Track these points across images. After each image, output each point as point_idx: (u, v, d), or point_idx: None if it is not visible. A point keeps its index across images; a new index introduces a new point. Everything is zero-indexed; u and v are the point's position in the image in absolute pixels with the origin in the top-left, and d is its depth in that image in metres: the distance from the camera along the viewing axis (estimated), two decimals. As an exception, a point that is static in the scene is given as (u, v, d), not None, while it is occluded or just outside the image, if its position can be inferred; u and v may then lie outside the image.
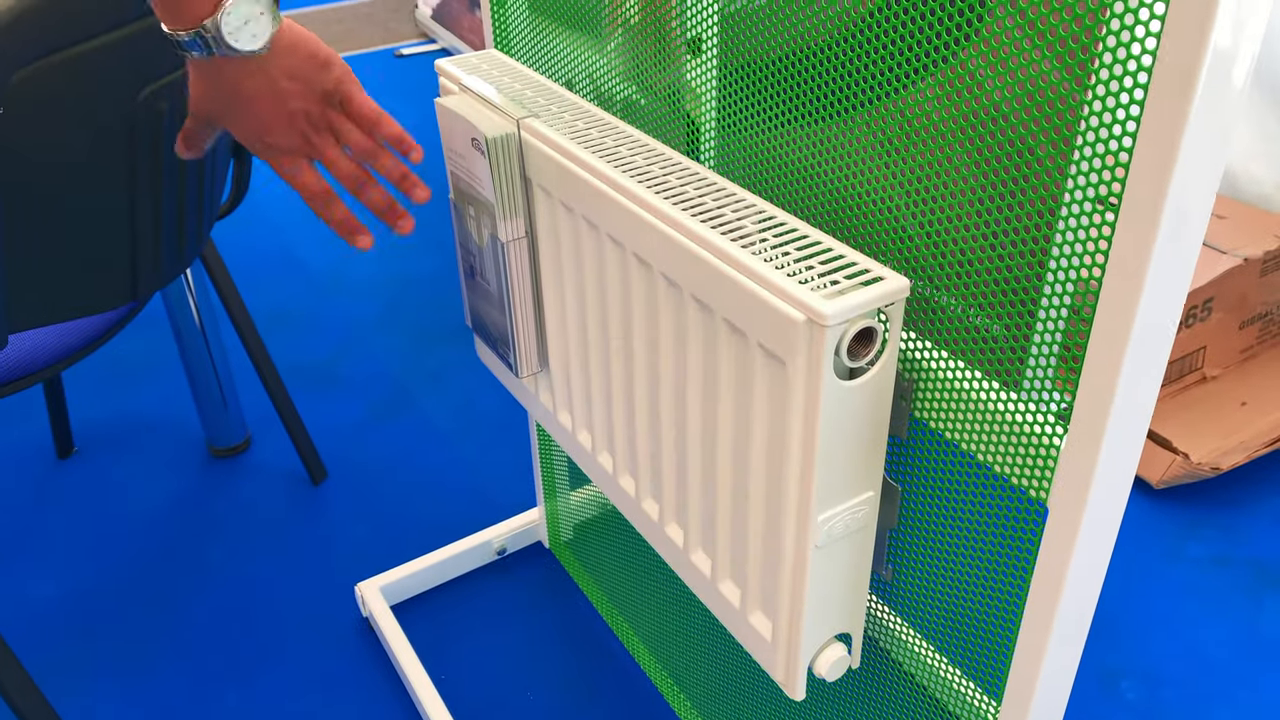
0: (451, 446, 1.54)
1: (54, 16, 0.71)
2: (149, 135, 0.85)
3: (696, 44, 0.71)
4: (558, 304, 0.79)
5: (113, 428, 1.60)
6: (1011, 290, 0.52)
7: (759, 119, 0.66)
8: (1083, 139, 0.46)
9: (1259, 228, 1.55)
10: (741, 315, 0.57)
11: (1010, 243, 0.51)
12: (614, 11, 0.78)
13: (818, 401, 0.53)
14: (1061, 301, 0.50)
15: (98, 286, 0.88)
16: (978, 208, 0.53)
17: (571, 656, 1.19)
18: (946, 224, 0.55)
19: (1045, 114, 0.47)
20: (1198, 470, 1.37)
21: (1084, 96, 0.45)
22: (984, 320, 0.55)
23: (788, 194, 0.66)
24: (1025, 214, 0.50)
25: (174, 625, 1.25)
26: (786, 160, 0.65)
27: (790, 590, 0.62)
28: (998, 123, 0.50)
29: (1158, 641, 1.20)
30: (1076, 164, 0.47)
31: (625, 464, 0.78)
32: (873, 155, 0.58)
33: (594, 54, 0.83)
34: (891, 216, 0.58)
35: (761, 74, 0.65)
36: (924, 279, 0.57)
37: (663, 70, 0.75)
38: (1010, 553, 0.59)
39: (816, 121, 0.61)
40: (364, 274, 2.02)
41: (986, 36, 0.49)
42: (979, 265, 0.54)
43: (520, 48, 0.93)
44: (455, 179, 0.82)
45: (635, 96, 0.80)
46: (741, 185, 0.70)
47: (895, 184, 0.57)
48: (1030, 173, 0.49)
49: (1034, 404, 0.53)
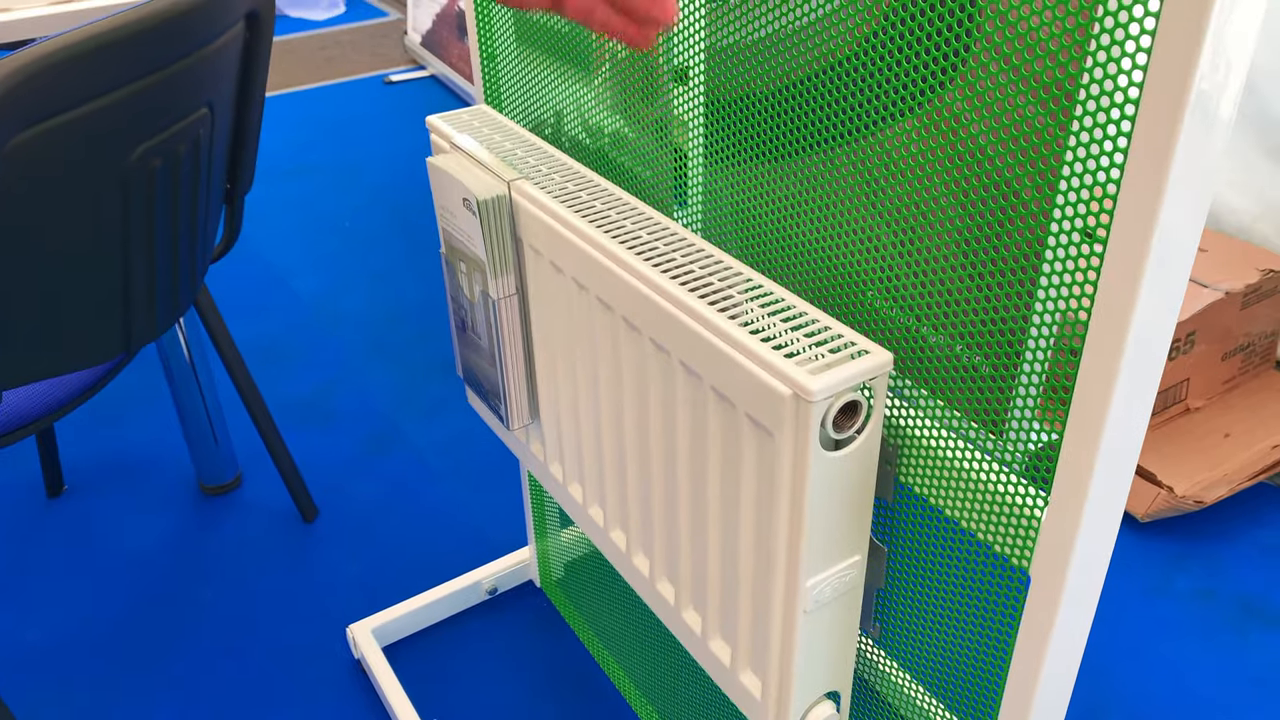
0: (442, 484, 1.55)
1: (51, 83, 0.72)
2: (142, 192, 0.86)
3: (682, 74, 0.72)
4: (548, 359, 0.80)
5: (103, 465, 1.60)
6: (997, 327, 0.54)
7: (743, 152, 0.67)
8: (1066, 181, 0.47)
9: (1240, 260, 1.57)
10: (729, 385, 0.58)
11: (995, 282, 0.53)
12: (601, 46, 0.80)
13: (805, 472, 0.54)
14: (1048, 341, 0.51)
15: (91, 341, 0.88)
16: (961, 247, 0.54)
17: (562, 696, 1.20)
18: (930, 264, 0.56)
19: (1029, 156, 0.49)
20: (1182, 504, 1.39)
21: (1066, 136, 0.47)
22: (969, 357, 0.56)
23: (769, 239, 0.67)
24: (1010, 253, 0.51)
25: (164, 665, 1.25)
26: (770, 201, 0.66)
27: (779, 651, 0.63)
28: (980, 161, 0.51)
29: (1145, 675, 1.21)
30: (1060, 206, 0.48)
31: (616, 518, 0.79)
32: (856, 196, 0.59)
33: (582, 90, 0.84)
34: (875, 256, 0.59)
35: (746, 107, 0.66)
36: (910, 314, 0.59)
37: (649, 102, 0.76)
38: (995, 614, 0.60)
39: (799, 154, 0.63)
40: (352, 306, 2.02)
41: (970, 78, 0.50)
42: (964, 303, 0.55)
43: (510, 96, 0.95)
44: (447, 235, 0.83)
45: (623, 130, 0.81)
46: (724, 227, 0.72)
47: (879, 220, 0.58)
48: (1015, 212, 0.50)
49: (1016, 474, 0.54)
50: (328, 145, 2.80)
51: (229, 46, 0.94)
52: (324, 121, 2.97)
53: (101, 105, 0.77)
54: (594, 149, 0.84)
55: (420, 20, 3.31)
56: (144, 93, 0.81)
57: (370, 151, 2.75)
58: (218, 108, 0.96)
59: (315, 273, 2.16)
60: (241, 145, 1.08)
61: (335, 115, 3.01)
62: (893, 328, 0.60)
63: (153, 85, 0.81)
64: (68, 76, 0.73)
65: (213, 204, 1.04)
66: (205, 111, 0.93)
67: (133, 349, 0.94)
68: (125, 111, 0.80)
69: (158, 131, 0.85)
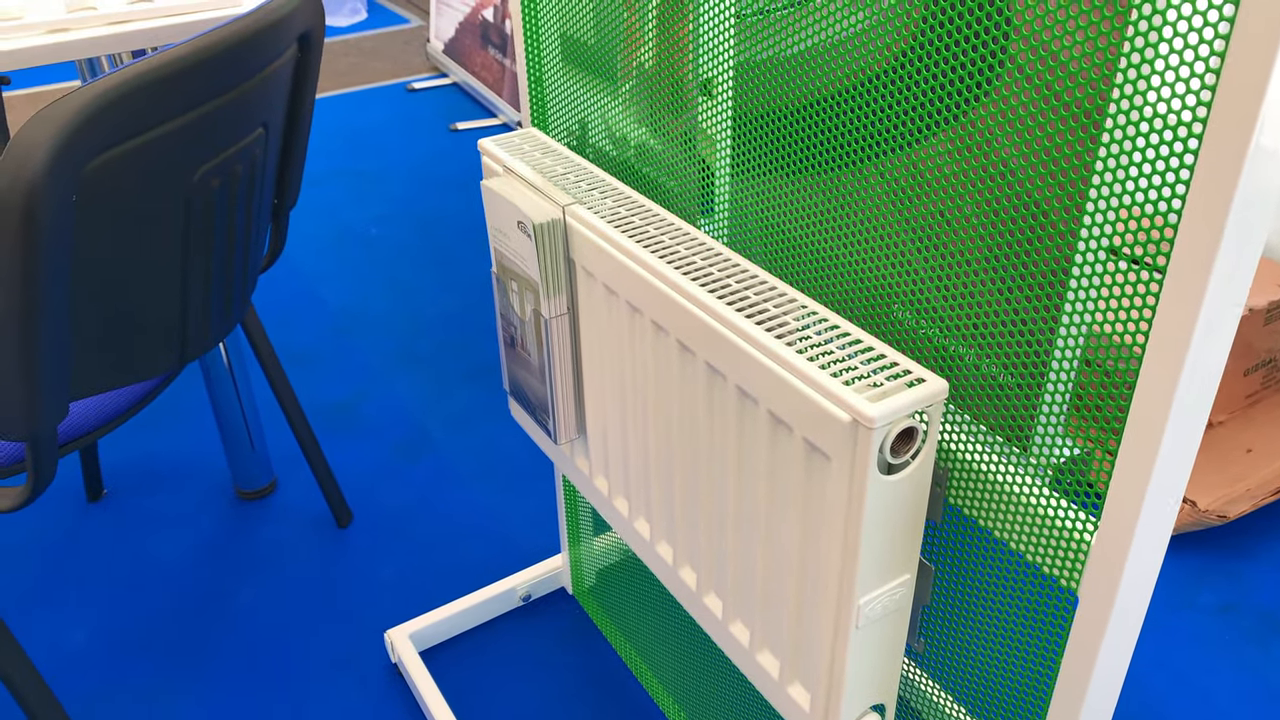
0: (473, 490, 1.57)
1: (123, 110, 0.74)
2: (202, 211, 0.88)
3: (709, 87, 0.75)
4: (597, 377, 0.83)
5: (142, 470, 1.63)
6: (1027, 344, 0.56)
7: (773, 165, 0.70)
8: (1127, 209, 0.49)
9: (1262, 277, 1.59)
10: (786, 410, 0.60)
11: (1026, 302, 0.55)
12: (631, 58, 0.82)
13: (862, 496, 0.57)
14: (1076, 358, 0.53)
15: (151, 354, 0.91)
16: (993, 265, 0.56)
17: (596, 703, 1.22)
18: (962, 281, 0.58)
19: (1057, 178, 0.51)
20: (1205, 518, 1.40)
21: (1119, 168, 0.49)
22: (1000, 374, 0.58)
23: (798, 252, 0.69)
24: (1051, 276, 0.54)
25: (202, 669, 1.28)
26: (799, 215, 0.69)
27: (829, 666, 0.65)
28: (1011, 181, 0.53)
29: (1167, 689, 1.23)
30: (1108, 234, 0.50)
31: (662, 532, 0.81)
32: (890, 212, 0.62)
33: (624, 108, 0.86)
34: (906, 272, 0.62)
35: (778, 121, 0.68)
36: (939, 329, 0.61)
37: (689, 116, 0.78)
38: (1041, 634, 0.62)
39: (828, 169, 0.65)
40: (382, 313, 2.05)
41: (1000, 94, 0.53)
42: (999, 321, 0.57)
43: (556, 115, 0.97)
44: (499, 255, 0.85)
45: (654, 144, 0.84)
46: (750, 239, 0.74)
47: (909, 235, 0.61)
48: (1044, 231, 0.53)
49: (1065, 499, 0.56)
50: (351, 152, 2.84)
51: (284, 68, 0.97)
52: (347, 129, 3.00)
53: (169, 129, 0.79)
54: (634, 164, 0.87)
55: (443, 28, 3.34)
56: (208, 116, 0.83)
57: (393, 159, 2.78)
58: (271, 127, 0.99)
59: (342, 280, 2.19)
60: (289, 161, 1.11)
61: (358, 122, 3.04)
62: (924, 344, 0.62)
63: (216, 109, 0.84)
64: (140, 103, 0.75)
65: (263, 220, 1.06)
66: (261, 131, 0.95)
67: (187, 360, 0.96)
68: (190, 134, 0.82)
69: (218, 152, 0.88)
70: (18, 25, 1.07)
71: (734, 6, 0.70)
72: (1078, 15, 0.47)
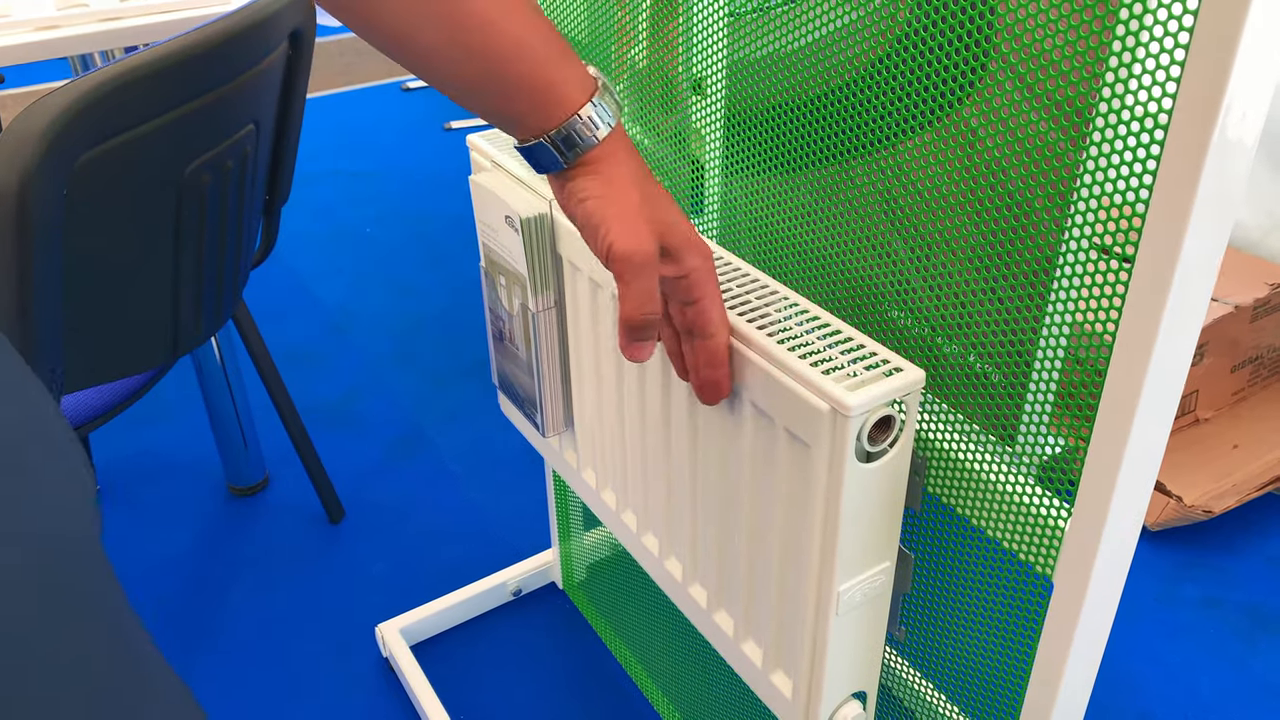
0: (466, 487, 1.58)
1: (114, 104, 0.75)
2: (193, 206, 0.89)
3: (699, 85, 0.76)
4: (584, 370, 0.83)
5: (134, 465, 1.63)
6: (1011, 339, 0.57)
7: (760, 163, 0.71)
8: (1088, 190, 0.50)
9: (1249, 275, 1.60)
10: (768, 401, 0.61)
11: (1012, 295, 0.56)
12: (623, 56, 0.83)
13: (840, 483, 0.58)
14: (1060, 352, 0.54)
15: (143, 348, 0.92)
16: (979, 260, 0.57)
17: (586, 696, 1.23)
18: (946, 277, 0.59)
19: (1044, 172, 0.52)
20: (1191, 513, 1.42)
21: (1080, 156, 0.50)
22: (983, 368, 0.59)
23: (785, 248, 0.70)
24: (1030, 268, 0.55)
25: (194, 664, 1.29)
26: (786, 212, 0.70)
27: (810, 653, 0.66)
28: (998, 178, 0.54)
29: (1152, 682, 1.24)
30: (1079, 225, 0.51)
31: (648, 524, 0.82)
32: (875, 210, 0.63)
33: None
34: (892, 268, 0.63)
35: (765, 119, 0.69)
36: (924, 324, 0.62)
37: (671, 113, 0.79)
38: (1018, 620, 0.63)
39: (817, 166, 0.66)
40: (376, 311, 2.06)
41: (989, 91, 0.54)
42: (981, 315, 0.58)
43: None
44: (487, 249, 0.86)
45: (649, 144, 0.84)
46: (740, 236, 0.75)
47: (896, 231, 0.62)
48: (1028, 229, 0.54)
49: (1041, 486, 0.57)
50: (345, 152, 2.84)
51: (274, 64, 0.98)
52: (342, 128, 3.01)
53: (160, 124, 0.80)
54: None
55: (437, 28, 3.34)
56: (198, 111, 0.84)
57: (388, 158, 2.79)
58: (262, 123, 1.00)
59: (336, 278, 2.19)
60: (280, 158, 1.12)
61: (353, 121, 3.05)
62: (908, 338, 0.63)
63: (207, 104, 0.85)
64: (131, 97, 0.76)
65: (254, 215, 1.07)
66: (251, 127, 0.96)
67: (179, 354, 0.97)
68: (181, 129, 0.83)
69: (209, 148, 0.88)
70: (6, 22, 1.08)
71: (726, 5, 0.71)
72: (1049, 9, 0.49)
